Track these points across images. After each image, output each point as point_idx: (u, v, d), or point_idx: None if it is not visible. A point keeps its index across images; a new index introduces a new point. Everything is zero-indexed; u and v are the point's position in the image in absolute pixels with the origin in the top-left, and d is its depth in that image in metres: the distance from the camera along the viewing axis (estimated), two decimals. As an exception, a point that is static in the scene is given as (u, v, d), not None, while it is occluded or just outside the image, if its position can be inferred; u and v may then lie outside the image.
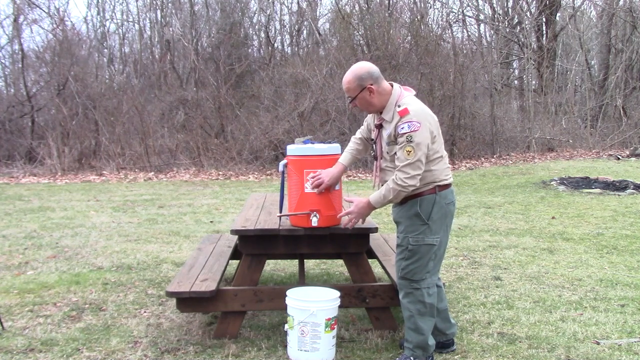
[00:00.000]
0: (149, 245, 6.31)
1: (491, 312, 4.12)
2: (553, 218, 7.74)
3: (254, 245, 3.62)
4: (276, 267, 5.47)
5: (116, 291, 4.66)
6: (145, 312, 4.17)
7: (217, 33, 18.09)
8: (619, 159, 14.73)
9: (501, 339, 3.63)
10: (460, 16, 19.74)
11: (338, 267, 5.42)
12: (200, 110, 15.49)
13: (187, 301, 3.54)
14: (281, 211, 3.73)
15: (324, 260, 5.57)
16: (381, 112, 3.17)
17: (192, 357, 3.38)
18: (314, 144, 3.59)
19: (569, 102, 19.19)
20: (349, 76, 3.15)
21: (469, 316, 4.04)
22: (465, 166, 14.11)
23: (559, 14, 21.01)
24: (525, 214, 8.09)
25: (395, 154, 3.06)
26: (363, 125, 3.49)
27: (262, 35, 19.86)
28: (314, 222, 3.39)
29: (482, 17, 20.78)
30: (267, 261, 4.71)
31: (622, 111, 18.79)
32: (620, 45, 20.22)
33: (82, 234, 6.90)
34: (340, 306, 3.38)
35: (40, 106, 15.76)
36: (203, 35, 18.53)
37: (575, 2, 21.81)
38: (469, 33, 20.89)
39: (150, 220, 7.77)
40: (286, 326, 3.32)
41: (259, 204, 4.53)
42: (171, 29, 18.82)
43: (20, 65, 16.20)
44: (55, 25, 16.75)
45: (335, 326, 3.32)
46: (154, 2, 19.32)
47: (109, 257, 5.75)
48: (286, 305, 3.32)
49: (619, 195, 9.52)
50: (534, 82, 20.02)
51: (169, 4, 19.48)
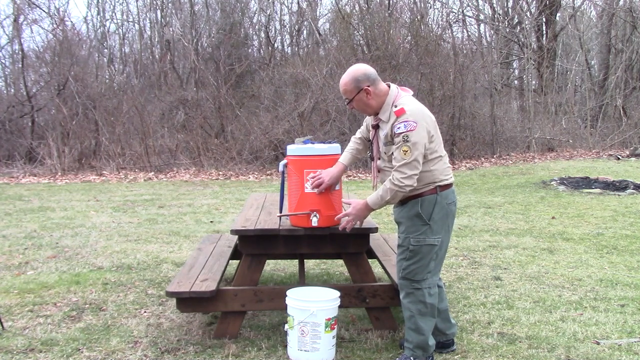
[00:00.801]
0: (149, 245, 6.31)
1: (491, 312, 4.12)
2: (553, 218, 7.74)
3: (254, 245, 3.62)
4: (276, 267, 5.47)
5: (116, 291, 4.66)
6: (145, 312, 4.17)
7: (217, 33, 18.10)
8: (619, 159, 14.73)
9: (501, 339, 3.63)
10: (460, 16, 19.76)
11: (338, 267, 5.42)
12: (200, 110, 15.49)
13: (187, 301, 3.54)
14: (281, 211, 3.73)
15: (324, 260, 5.57)
16: (377, 113, 3.17)
17: (192, 357, 3.38)
18: (314, 144, 3.59)
19: (569, 102, 19.19)
20: (345, 78, 3.15)
21: (469, 316, 4.04)
22: (465, 166, 14.11)
23: (559, 14, 21.01)
24: (525, 214, 8.09)
25: (393, 154, 3.06)
26: (362, 126, 3.50)
27: (262, 35, 19.87)
28: (314, 222, 3.39)
29: (482, 17, 20.79)
30: (267, 261, 4.71)
31: (622, 111, 18.80)
32: (620, 45, 20.22)
33: (82, 234, 6.90)
34: (340, 306, 3.38)
35: (40, 106, 15.76)
36: (203, 35, 18.54)
37: (575, 2, 21.84)
38: (469, 33, 20.93)
39: (150, 220, 7.77)
40: (286, 326, 3.32)
41: (259, 204, 4.53)
42: (171, 29, 18.82)
43: (20, 65, 16.21)
44: (55, 25, 16.76)
45: (335, 326, 3.32)
46: (154, 2, 19.33)
47: (109, 257, 5.75)
48: (286, 305, 3.32)
49: (619, 195, 9.52)
50: (534, 82, 20.02)
51: (169, 4, 19.49)
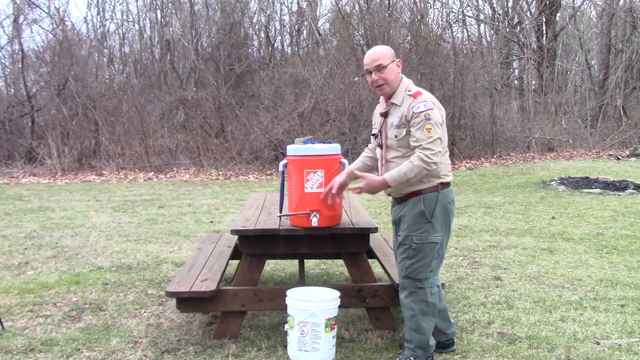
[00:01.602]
0: (149, 245, 6.31)
1: (491, 312, 4.12)
2: (553, 218, 7.74)
3: (254, 245, 3.62)
4: (276, 267, 5.47)
5: (116, 291, 4.66)
6: (145, 312, 4.17)
7: (217, 33, 18.10)
8: (619, 159, 14.73)
9: (501, 339, 3.63)
10: (460, 16, 19.75)
11: (338, 267, 5.42)
12: (200, 110, 15.49)
13: (187, 301, 3.54)
14: (281, 211, 3.73)
15: (324, 260, 5.57)
16: (389, 98, 3.21)
17: (192, 357, 3.38)
18: (314, 144, 3.59)
19: (569, 102, 19.19)
20: (380, 48, 3.24)
21: (469, 316, 4.04)
22: (465, 166, 14.10)
23: (559, 14, 21.01)
24: (525, 214, 8.09)
25: (408, 137, 3.07)
26: (373, 142, 3.49)
27: (262, 35, 19.87)
28: (314, 222, 3.39)
29: (482, 17, 20.79)
30: (267, 261, 4.71)
31: (622, 111, 18.79)
32: (620, 45, 20.21)
33: (82, 234, 6.90)
34: (340, 306, 3.38)
35: (40, 106, 15.76)
36: (203, 35, 18.53)
37: (575, 2, 21.83)
38: (469, 33, 20.91)
39: (150, 220, 7.77)
40: (286, 326, 3.32)
41: (259, 204, 4.53)
42: (171, 29, 18.82)
43: (20, 65, 16.20)
44: (55, 25, 16.75)
45: (335, 326, 3.32)
46: (154, 2, 19.33)
47: (109, 257, 5.75)
48: (286, 305, 3.32)
49: (619, 195, 9.52)
50: (534, 82, 20.02)
51: (169, 4, 19.49)
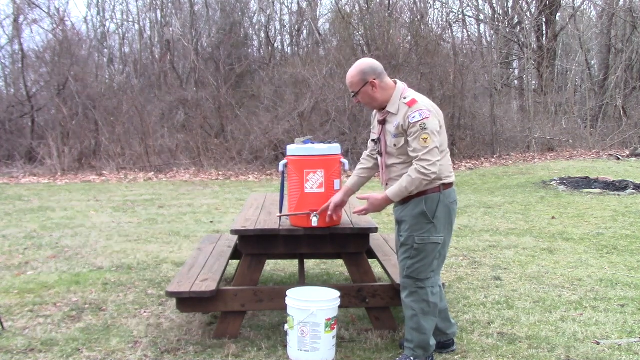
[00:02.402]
0: (149, 245, 6.31)
1: (491, 312, 4.12)
2: (553, 218, 7.74)
3: (254, 245, 3.61)
4: (276, 267, 5.47)
5: (116, 291, 4.66)
6: (145, 312, 4.17)
7: (217, 33, 18.10)
8: (619, 159, 14.73)
9: (501, 339, 3.63)
10: (460, 16, 19.76)
11: (338, 267, 5.42)
12: (200, 110, 15.48)
13: (187, 301, 3.54)
14: (281, 211, 3.73)
15: (324, 260, 5.57)
16: (384, 108, 3.19)
17: (192, 357, 3.38)
18: (314, 144, 3.59)
19: (569, 102, 19.19)
20: (352, 71, 3.19)
21: (469, 316, 4.04)
22: (465, 166, 14.10)
23: (559, 14, 21.01)
24: (525, 214, 8.09)
25: (407, 146, 3.06)
26: (370, 147, 3.47)
27: (262, 35, 19.86)
28: (314, 222, 3.39)
29: (482, 17, 20.78)
30: (267, 261, 4.71)
31: (622, 111, 18.80)
32: (620, 45, 20.22)
33: (82, 234, 6.90)
34: (340, 306, 3.38)
35: (40, 106, 15.76)
36: (203, 35, 18.53)
37: (575, 2, 21.83)
38: (469, 33, 20.92)
39: (150, 220, 7.77)
40: (286, 326, 3.32)
41: (259, 204, 4.53)
42: (171, 29, 18.81)
43: (20, 65, 16.20)
44: (55, 25, 16.75)
45: (335, 326, 3.32)
46: (154, 2, 19.32)
47: (109, 257, 5.75)
48: (286, 305, 3.32)
49: (619, 195, 9.52)
50: (534, 82, 20.02)
51: (169, 4, 19.48)
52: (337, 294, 3.38)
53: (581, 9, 22.10)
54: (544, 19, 19.99)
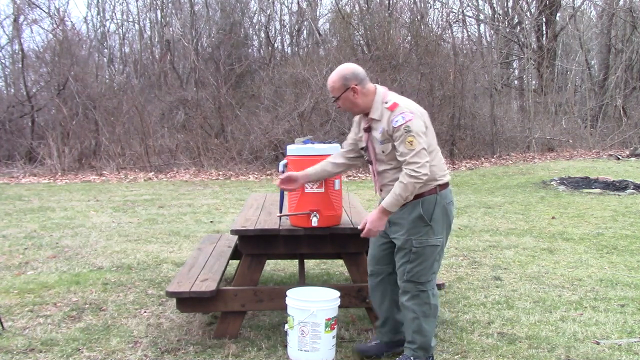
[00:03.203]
0: (149, 245, 6.31)
1: (491, 312, 4.12)
2: (553, 218, 7.74)
3: (254, 245, 3.61)
4: (276, 267, 5.47)
5: (116, 291, 4.66)
6: (145, 312, 4.17)
7: (217, 33, 18.10)
8: (619, 159, 14.73)
9: (501, 339, 3.62)
10: (460, 16, 19.75)
11: (338, 267, 5.42)
12: (200, 110, 15.48)
13: (187, 301, 3.54)
14: (281, 211, 3.73)
15: (324, 260, 5.57)
16: (367, 114, 3.15)
17: (192, 357, 3.38)
18: (314, 144, 3.59)
19: (569, 102, 19.20)
20: (334, 76, 3.15)
21: (469, 316, 4.04)
22: (465, 166, 14.10)
23: (559, 14, 21.02)
24: (525, 214, 8.09)
25: (395, 151, 3.02)
26: (346, 144, 3.39)
27: (262, 35, 19.87)
28: (314, 222, 3.39)
29: (482, 17, 20.80)
30: (267, 261, 4.71)
31: (622, 111, 18.80)
32: (620, 45, 20.22)
33: (82, 234, 6.90)
34: (340, 306, 3.38)
35: (40, 106, 15.76)
36: (203, 35, 18.54)
37: (575, 2, 21.84)
38: (469, 33, 20.93)
39: (150, 220, 7.77)
40: (286, 326, 3.32)
41: (259, 204, 4.53)
42: (171, 29, 18.82)
43: (20, 65, 16.20)
44: (55, 25, 16.75)
45: (335, 326, 3.31)
46: (154, 2, 19.33)
47: (109, 257, 5.75)
48: (286, 305, 3.32)
49: (619, 195, 9.52)
50: (534, 82, 20.03)
51: (169, 4, 19.49)
52: (337, 294, 3.38)
53: (581, 9, 22.13)
54: (544, 19, 20.00)
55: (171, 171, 13.67)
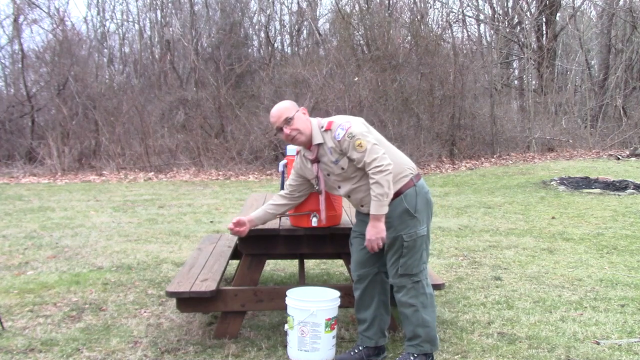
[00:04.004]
0: (149, 245, 6.31)
1: (491, 312, 4.12)
2: (553, 218, 7.74)
3: (254, 245, 3.61)
4: (276, 267, 5.47)
5: (116, 291, 4.66)
6: (145, 312, 4.17)
7: (217, 33, 18.10)
8: (619, 159, 14.73)
9: (501, 339, 3.63)
10: (460, 16, 19.76)
11: (338, 267, 5.42)
12: (200, 110, 15.48)
13: (187, 301, 3.54)
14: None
15: (324, 260, 5.57)
16: (309, 147, 3.17)
17: (192, 357, 3.38)
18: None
19: (569, 102, 19.19)
20: (281, 104, 3.21)
21: (469, 316, 4.04)
22: (465, 166, 14.10)
23: (559, 14, 21.02)
24: (525, 214, 8.09)
25: (352, 162, 3.07)
26: (289, 180, 3.38)
27: (262, 35, 19.86)
28: (314, 222, 3.40)
29: (482, 17, 20.80)
30: (267, 261, 4.71)
31: (622, 111, 18.80)
32: (620, 45, 20.22)
33: (82, 234, 6.90)
34: (340, 306, 3.39)
35: (40, 106, 15.75)
36: (203, 35, 18.53)
37: (575, 2, 21.83)
38: (469, 33, 20.93)
39: (150, 220, 7.77)
40: (286, 326, 3.32)
41: (259, 204, 4.52)
42: (171, 29, 18.82)
43: (20, 65, 16.19)
44: (55, 25, 16.75)
45: (335, 326, 3.32)
46: (154, 2, 19.33)
47: (109, 257, 5.75)
48: (286, 305, 3.32)
49: (619, 195, 9.52)
50: (534, 82, 20.03)
51: (169, 4, 19.48)
52: (337, 294, 3.38)
53: (581, 9, 22.12)
54: (544, 19, 20.00)
55: (171, 171, 13.67)
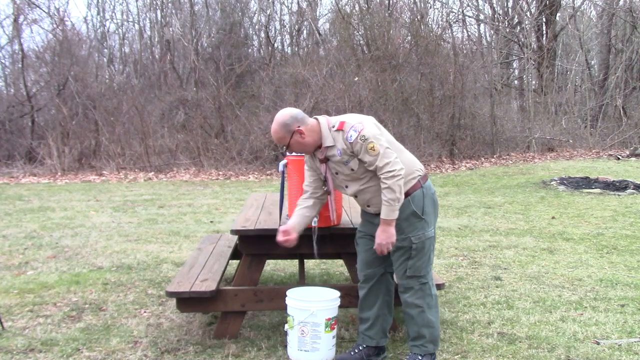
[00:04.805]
0: (149, 245, 6.31)
1: (491, 312, 4.12)
2: (553, 218, 7.74)
3: (254, 245, 3.61)
4: (276, 267, 5.47)
5: (116, 291, 4.66)
6: (145, 312, 4.17)
7: (217, 33, 18.10)
8: (619, 159, 14.73)
9: (501, 339, 3.63)
10: (460, 16, 19.76)
11: (338, 267, 5.42)
12: (200, 110, 15.48)
13: (187, 301, 3.54)
14: (281, 211, 3.73)
15: (324, 260, 5.57)
16: (320, 147, 3.13)
17: (192, 357, 3.38)
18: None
19: (569, 102, 19.19)
20: (275, 127, 3.12)
21: (469, 316, 4.04)
22: (465, 166, 14.09)
23: (559, 14, 21.02)
24: (525, 214, 8.09)
25: (363, 164, 3.03)
26: (306, 180, 3.33)
27: (262, 35, 19.86)
28: (314, 222, 3.39)
29: (482, 17, 20.80)
30: (267, 261, 4.71)
31: (622, 111, 18.80)
32: (620, 45, 20.23)
33: (82, 234, 6.90)
34: (340, 306, 3.38)
35: (40, 106, 15.76)
36: (203, 35, 18.53)
37: (575, 2, 21.84)
38: (469, 33, 20.93)
39: (150, 220, 7.77)
40: (286, 326, 3.32)
41: (259, 204, 4.53)
42: (171, 29, 18.82)
43: (20, 65, 16.19)
44: (55, 25, 16.75)
45: (335, 326, 3.32)
46: (154, 2, 19.33)
47: (109, 257, 5.75)
48: (286, 305, 3.32)
49: (619, 195, 9.52)
50: (534, 82, 20.03)
51: (169, 4, 19.49)
52: (337, 294, 3.38)
53: (581, 9, 22.13)
54: (544, 19, 20.00)
55: (171, 171, 13.67)
